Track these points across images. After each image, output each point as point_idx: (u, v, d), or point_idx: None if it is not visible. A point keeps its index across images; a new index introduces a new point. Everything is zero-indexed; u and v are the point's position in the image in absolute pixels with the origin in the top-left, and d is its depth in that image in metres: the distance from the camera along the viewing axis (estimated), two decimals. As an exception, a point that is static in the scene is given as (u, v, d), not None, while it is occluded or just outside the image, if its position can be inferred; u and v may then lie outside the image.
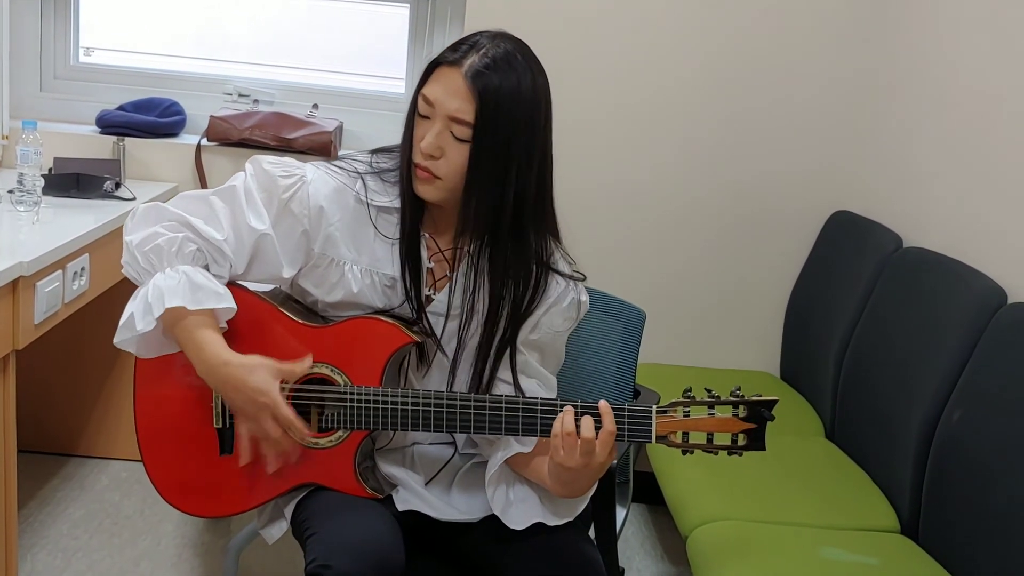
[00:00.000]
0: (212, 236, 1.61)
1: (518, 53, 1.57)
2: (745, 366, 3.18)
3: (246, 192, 1.63)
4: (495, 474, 1.66)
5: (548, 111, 1.61)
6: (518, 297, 1.65)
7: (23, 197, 2.37)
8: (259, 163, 1.66)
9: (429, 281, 1.68)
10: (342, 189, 1.65)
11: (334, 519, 1.60)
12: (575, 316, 1.73)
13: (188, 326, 1.58)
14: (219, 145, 3.03)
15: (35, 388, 3.03)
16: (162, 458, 1.70)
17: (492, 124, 1.53)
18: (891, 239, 2.67)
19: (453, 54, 1.56)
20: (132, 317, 1.59)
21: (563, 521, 1.66)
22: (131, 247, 1.62)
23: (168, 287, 1.57)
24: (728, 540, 2.10)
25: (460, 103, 1.52)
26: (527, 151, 1.57)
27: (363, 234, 1.66)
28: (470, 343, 1.68)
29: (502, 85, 1.53)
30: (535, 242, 1.65)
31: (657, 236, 3.10)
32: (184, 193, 1.68)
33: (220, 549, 2.67)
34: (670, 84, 3.01)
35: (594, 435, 1.51)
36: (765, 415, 1.55)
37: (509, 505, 1.67)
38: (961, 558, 2.02)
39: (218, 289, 1.60)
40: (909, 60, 2.79)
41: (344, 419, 1.63)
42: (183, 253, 1.61)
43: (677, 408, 1.56)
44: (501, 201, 1.58)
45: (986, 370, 2.07)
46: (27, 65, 3.16)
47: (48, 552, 2.59)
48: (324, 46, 3.31)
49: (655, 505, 3.10)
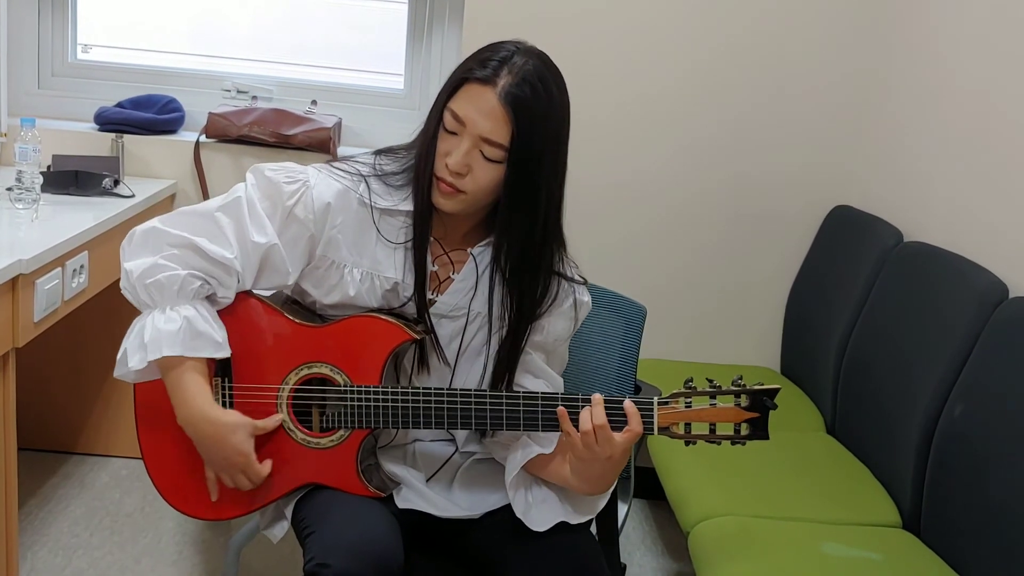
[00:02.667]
0: (221, 255, 1.59)
1: (547, 70, 1.56)
2: (746, 361, 3.18)
3: (249, 203, 1.62)
4: (516, 478, 1.67)
5: (569, 125, 1.61)
6: (529, 304, 1.65)
7: (22, 195, 2.36)
8: (260, 171, 1.64)
9: (432, 284, 1.68)
10: (345, 192, 1.64)
11: (333, 518, 1.60)
12: (576, 316, 1.74)
13: (178, 374, 1.59)
14: (218, 142, 3.02)
15: (35, 386, 3.02)
16: (164, 462, 1.70)
17: (527, 146, 1.53)
18: (892, 234, 2.67)
19: (483, 70, 1.53)
20: (126, 354, 1.60)
21: (585, 519, 1.67)
22: (131, 277, 1.60)
23: (167, 332, 1.57)
24: (729, 535, 2.10)
25: (494, 125, 1.51)
26: (556, 167, 1.59)
27: (365, 236, 1.65)
28: (471, 344, 1.69)
29: (536, 108, 1.52)
30: (553, 252, 1.66)
31: (658, 232, 3.09)
32: (184, 209, 1.65)
33: (221, 546, 2.67)
34: (670, 81, 3.01)
35: (606, 422, 1.53)
36: (767, 404, 1.55)
37: (529, 507, 1.67)
38: (962, 552, 2.02)
39: (216, 337, 1.60)
40: (909, 55, 2.79)
41: (345, 418, 1.63)
42: (185, 291, 1.59)
43: (679, 399, 1.56)
44: (536, 217, 1.59)
45: (987, 365, 2.07)
46: (25, 62, 3.15)
47: (49, 550, 2.58)
48: (323, 42, 3.30)
49: (656, 500, 3.10)
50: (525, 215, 1.58)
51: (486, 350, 1.70)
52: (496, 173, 1.55)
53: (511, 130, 1.51)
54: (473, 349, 1.70)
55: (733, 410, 1.56)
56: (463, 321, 1.68)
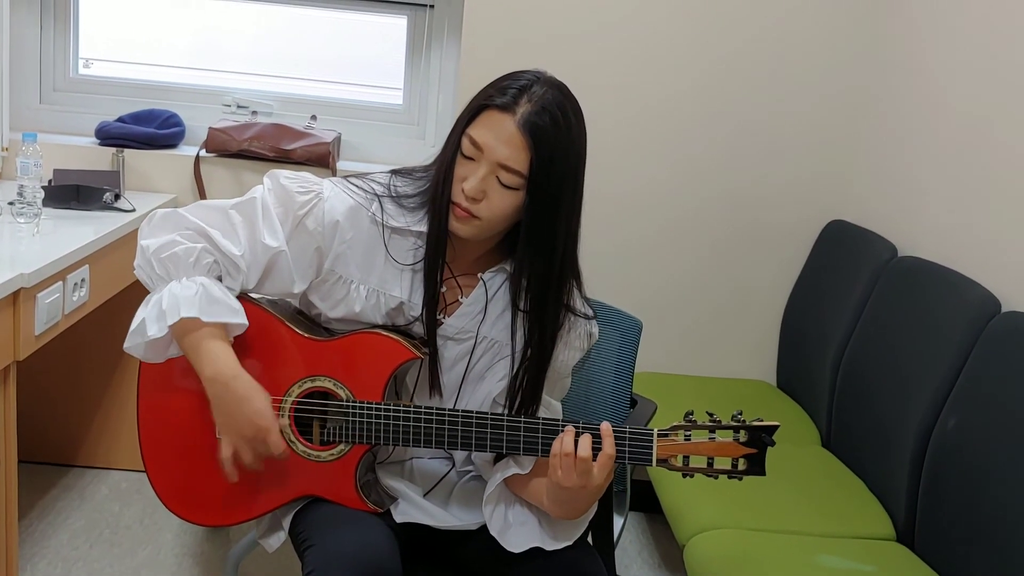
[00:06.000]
0: (229, 250, 1.62)
1: (565, 100, 1.56)
2: (741, 375, 3.20)
3: (263, 207, 1.63)
4: (493, 493, 1.67)
5: (586, 154, 1.62)
6: (551, 336, 1.65)
7: (23, 209, 2.38)
8: (277, 177, 1.66)
9: (440, 306, 1.68)
10: (357, 208, 1.65)
11: (331, 531, 1.61)
12: (584, 347, 1.74)
13: (199, 337, 1.59)
14: (218, 156, 3.04)
15: (35, 399, 3.03)
16: (164, 466, 1.71)
17: (545, 174, 1.53)
18: (886, 248, 2.69)
19: (502, 97, 1.53)
20: (144, 323, 1.60)
21: (561, 545, 1.66)
22: (147, 252, 1.63)
23: (184, 297, 1.58)
24: (725, 548, 2.12)
25: (511, 152, 1.52)
26: (573, 196, 1.59)
27: (374, 254, 1.66)
28: (475, 368, 1.70)
29: (555, 137, 1.53)
30: (570, 282, 1.66)
31: (653, 246, 3.11)
32: (202, 202, 1.68)
33: (220, 558, 2.68)
34: (666, 96, 3.03)
35: (591, 455, 1.53)
36: (766, 440, 1.56)
37: (508, 527, 1.68)
38: (956, 565, 2.04)
39: (233, 304, 1.61)
40: (903, 74, 2.81)
41: (346, 433, 1.64)
42: (200, 264, 1.61)
43: (678, 432, 1.57)
44: (554, 245, 1.59)
45: (980, 378, 2.09)
46: (27, 77, 3.17)
47: (48, 562, 2.59)
48: (322, 57, 3.32)
49: (652, 513, 3.12)
50: (544, 244, 1.59)
51: (490, 375, 1.71)
52: (512, 200, 1.55)
53: (529, 157, 1.51)
54: (476, 373, 1.71)
55: (732, 445, 1.56)
56: (470, 344, 1.69)
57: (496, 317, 1.69)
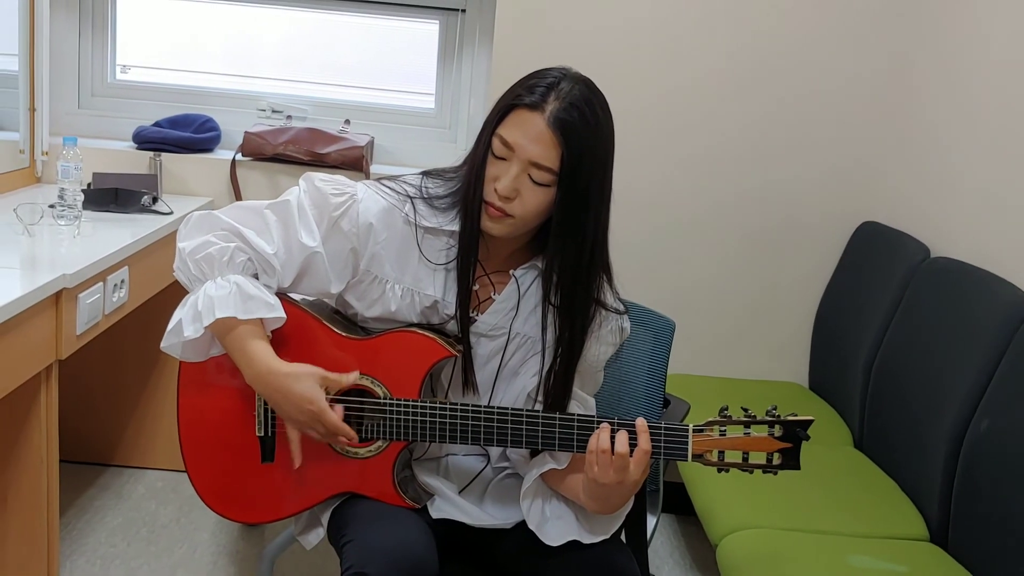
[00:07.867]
0: (263, 249, 1.65)
1: (593, 96, 1.58)
2: (773, 377, 3.19)
3: (299, 208, 1.66)
4: (530, 488, 1.69)
5: (614, 149, 1.63)
6: (581, 331, 1.67)
7: (64, 211, 2.42)
8: (312, 180, 1.69)
9: (472, 303, 1.70)
10: (391, 209, 1.67)
11: (370, 526, 1.63)
12: (615, 342, 1.76)
13: (238, 336, 1.62)
14: (253, 160, 3.08)
15: (74, 399, 3.08)
16: (204, 464, 1.74)
17: (576, 170, 1.55)
18: (919, 249, 2.68)
19: (531, 96, 1.55)
20: (180, 323, 1.63)
21: (599, 539, 1.68)
22: (183, 254, 1.66)
23: (219, 296, 1.61)
24: (757, 549, 2.12)
25: (542, 149, 1.53)
26: (603, 190, 1.61)
27: (408, 255, 1.68)
28: (509, 364, 1.72)
29: (584, 132, 1.54)
30: (600, 277, 1.68)
31: (684, 246, 3.12)
32: (238, 203, 1.71)
33: (255, 557, 2.71)
34: (694, 93, 3.03)
35: (628, 451, 1.54)
36: (800, 434, 1.57)
37: (545, 520, 1.69)
38: (990, 566, 2.03)
39: (268, 299, 1.64)
40: (938, 69, 2.81)
41: (383, 430, 1.67)
42: (234, 263, 1.64)
43: (713, 427, 1.58)
44: (585, 239, 1.60)
45: (1014, 379, 2.08)
46: (67, 83, 3.23)
47: (87, 559, 2.64)
48: (355, 62, 3.36)
49: (685, 515, 3.12)
50: (574, 238, 1.60)
51: (524, 371, 1.73)
52: (544, 197, 1.57)
53: (560, 154, 1.53)
54: (510, 369, 1.73)
55: (767, 439, 1.57)
56: (503, 340, 1.71)
57: (528, 313, 1.71)
